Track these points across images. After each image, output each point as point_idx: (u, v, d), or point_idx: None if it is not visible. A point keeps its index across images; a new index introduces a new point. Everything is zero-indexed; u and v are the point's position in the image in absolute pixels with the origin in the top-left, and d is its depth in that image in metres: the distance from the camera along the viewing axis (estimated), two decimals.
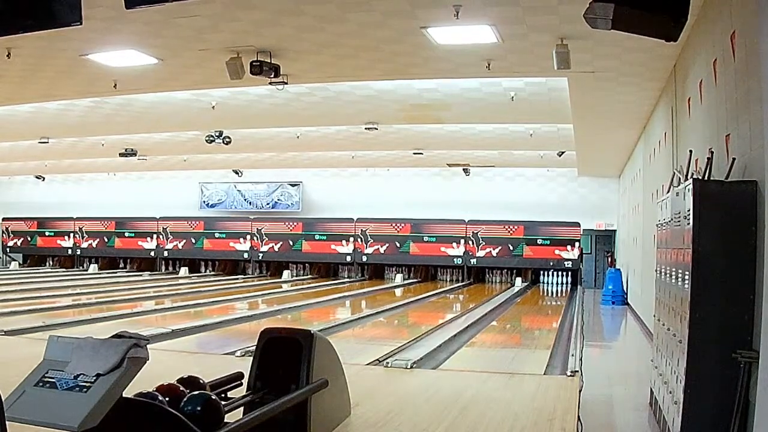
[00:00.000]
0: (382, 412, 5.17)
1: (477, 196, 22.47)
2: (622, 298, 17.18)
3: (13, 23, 4.35)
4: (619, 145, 15.49)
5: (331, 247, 23.04)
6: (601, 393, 7.11)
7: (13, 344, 7.84)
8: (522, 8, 6.83)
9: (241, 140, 16.67)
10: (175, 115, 13.95)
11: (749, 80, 4.43)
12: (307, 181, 24.39)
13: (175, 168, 23.68)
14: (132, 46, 8.51)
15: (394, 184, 23.39)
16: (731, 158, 4.71)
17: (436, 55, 8.57)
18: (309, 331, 4.49)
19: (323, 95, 12.12)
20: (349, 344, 9.05)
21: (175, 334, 9.28)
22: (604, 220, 21.82)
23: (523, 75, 10.12)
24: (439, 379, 6.78)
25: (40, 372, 3.00)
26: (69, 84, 10.53)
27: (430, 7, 6.93)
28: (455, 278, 22.23)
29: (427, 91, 11.70)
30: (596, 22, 4.05)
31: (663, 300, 5.80)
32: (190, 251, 24.42)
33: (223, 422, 3.43)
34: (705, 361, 4.20)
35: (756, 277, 3.98)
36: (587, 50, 7.94)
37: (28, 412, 2.82)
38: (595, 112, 11.81)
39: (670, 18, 3.86)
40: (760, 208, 4.03)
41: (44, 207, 26.33)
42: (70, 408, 2.78)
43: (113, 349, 2.96)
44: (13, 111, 13.52)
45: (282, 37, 8.04)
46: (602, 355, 10.38)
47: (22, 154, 20.10)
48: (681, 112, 7.80)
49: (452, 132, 15.79)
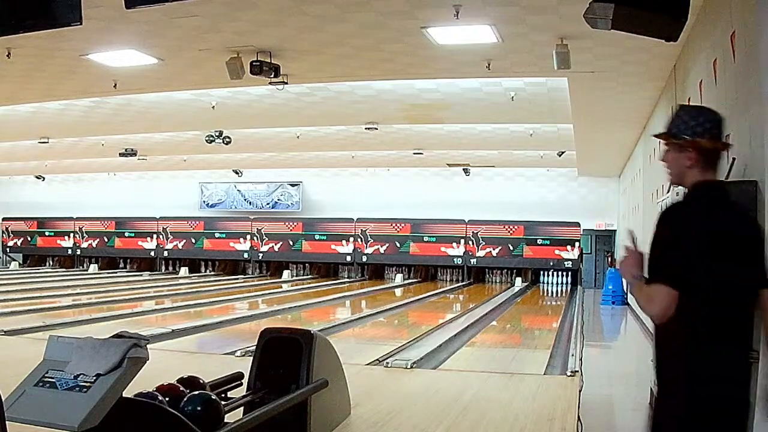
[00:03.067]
0: (382, 412, 5.17)
1: (477, 196, 22.47)
2: (622, 298, 17.15)
3: (13, 23, 4.35)
4: (619, 145, 15.50)
5: (331, 247, 23.03)
6: (601, 393, 7.10)
7: (13, 344, 7.85)
8: (522, 8, 6.83)
9: (241, 140, 16.67)
10: (175, 115, 13.96)
11: (749, 80, 4.43)
12: (307, 181, 24.39)
13: (175, 168, 23.68)
14: (132, 46, 8.52)
15: (394, 184, 23.39)
16: (731, 158, 4.71)
17: (436, 55, 8.57)
18: (309, 331, 4.49)
19: (323, 95, 12.12)
20: (349, 344, 9.05)
21: (175, 334, 9.28)
22: (604, 220, 21.82)
23: (523, 75, 10.12)
24: (439, 379, 6.78)
25: (40, 372, 2.99)
26: (69, 84, 10.53)
27: (430, 7, 6.94)
28: (455, 278, 22.22)
29: (427, 91, 11.70)
30: (596, 22, 4.06)
31: None
32: (190, 251, 24.42)
33: (223, 422, 3.43)
34: None
35: None
36: (587, 50, 7.95)
37: (28, 412, 2.82)
38: (595, 112, 11.81)
39: (670, 18, 3.87)
40: (760, 208, 4.02)
41: (44, 207, 26.32)
42: (70, 408, 2.78)
43: (113, 349, 2.96)
44: (13, 111, 13.52)
45: (282, 37, 8.04)
46: (602, 355, 10.37)
47: (22, 154, 20.10)
48: None
49: (452, 132, 15.79)
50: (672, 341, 2.61)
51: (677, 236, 2.57)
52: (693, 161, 2.68)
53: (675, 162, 2.74)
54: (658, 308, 2.53)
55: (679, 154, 2.71)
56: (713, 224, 2.56)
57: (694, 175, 2.69)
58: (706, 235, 2.53)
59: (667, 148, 2.77)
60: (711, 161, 2.70)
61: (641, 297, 2.63)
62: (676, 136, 2.71)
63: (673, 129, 2.74)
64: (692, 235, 2.54)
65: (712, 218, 2.59)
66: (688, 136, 2.68)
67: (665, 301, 2.50)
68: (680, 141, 2.70)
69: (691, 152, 2.67)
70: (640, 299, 2.65)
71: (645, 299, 2.60)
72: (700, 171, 2.68)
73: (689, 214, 2.62)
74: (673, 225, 2.62)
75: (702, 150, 2.67)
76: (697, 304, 2.50)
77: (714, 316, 2.54)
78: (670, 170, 2.78)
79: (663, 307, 2.51)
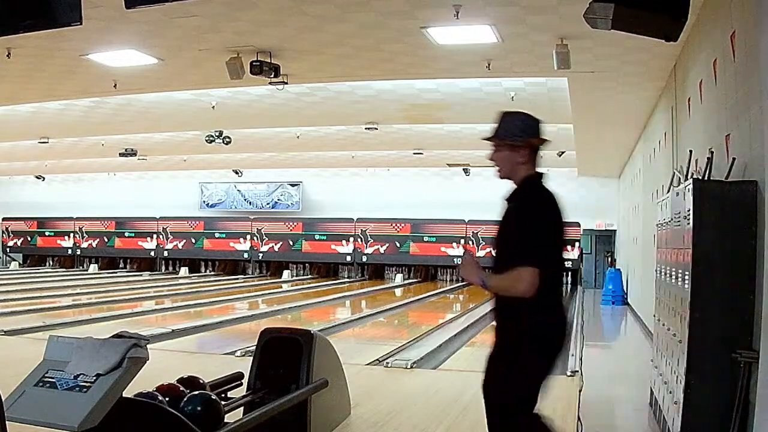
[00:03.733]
0: (382, 412, 5.17)
1: (477, 196, 22.43)
2: (622, 298, 17.16)
3: (13, 23, 4.34)
4: (619, 145, 15.49)
5: (331, 247, 23.04)
6: (601, 393, 7.10)
7: (13, 344, 7.85)
8: (522, 8, 6.83)
9: (241, 140, 16.67)
10: (175, 115, 13.95)
11: (749, 80, 4.43)
12: (307, 181, 24.38)
13: (175, 168, 23.67)
14: (132, 46, 8.51)
15: (394, 184, 23.39)
16: (731, 158, 4.71)
17: (436, 55, 8.57)
18: (309, 331, 4.50)
19: (323, 95, 12.12)
20: (349, 344, 9.05)
21: (175, 334, 9.28)
22: (604, 220, 21.81)
23: (523, 75, 10.12)
24: (439, 379, 6.79)
25: (40, 372, 2.99)
26: (69, 84, 10.53)
27: (430, 7, 6.93)
28: (455, 278, 22.21)
29: (427, 91, 11.70)
30: (596, 22, 4.05)
31: (663, 300, 5.80)
32: (190, 251, 24.42)
33: (223, 422, 3.44)
34: (705, 361, 4.19)
35: (756, 277, 3.98)
36: (587, 50, 7.94)
37: (28, 412, 2.82)
38: (595, 112, 11.81)
39: (670, 18, 3.86)
40: (760, 208, 4.02)
41: (44, 207, 26.31)
42: (70, 408, 2.78)
43: (113, 349, 2.96)
44: (13, 111, 13.51)
45: (282, 37, 8.04)
46: (602, 355, 10.37)
47: (22, 154, 20.10)
48: (681, 112, 7.80)
49: (452, 132, 15.79)
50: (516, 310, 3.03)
51: (526, 223, 3.05)
52: (526, 158, 3.16)
53: (507, 160, 3.17)
54: (527, 285, 2.93)
55: (512, 152, 3.15)
56: (550, 211, 3.08)
57: (525, 169, 3.16)
58: (548, 220, 3.07)
59: (495, 148, 3.20)
60: (536, 157, 3.20)
61: (504, 283, 3.05)
62: (508, 138, 3.15)
63: (501, 132, 3.18)
64: (538, 220, 3.05)
65: (549, 206, 3.09)
66: (522, 137, 3.14)
67: (532, 278, 2.93)
68: (514, 141, 3.14)
69: (525, 150, 3.15)
70: (502, 285, 3.07)
71: (510, 282, 3.00)
72: (530, 167, 3.17)
73: (532, 203, 3.10)
74: (520, 213, 3.10)
75: (533, 148, 3.17)
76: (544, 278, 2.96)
77: (551, 287, 3.07)
78: (500, 167, 3.21)
79: (532, 283, 2.92)
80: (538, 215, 3.07)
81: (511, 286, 3.01)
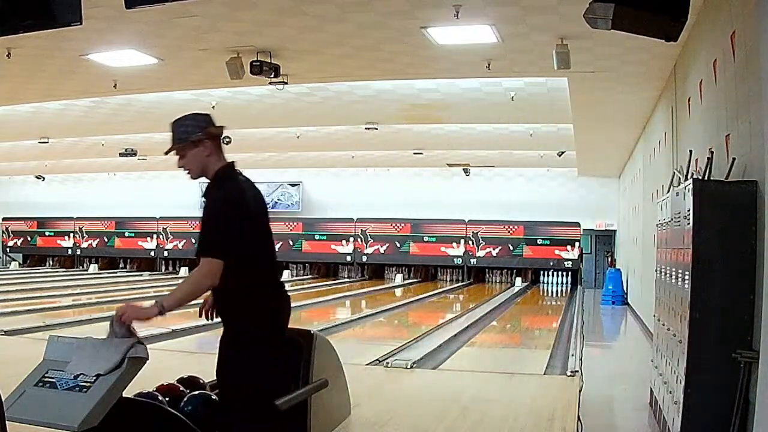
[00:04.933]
0: (382, 412, 5.17)
1: (477, 196, 22.45)
2: (622, 298, 17.17)
3: (13, 23, 4.34)
4: (619, 145, 15.49)
5: (331, 247, 23.03)
6: (601, 393, 7.10)
7: (13, 344, 7.85)
8: (522, 8, 6.83)
9: (241, 140, 16.64)
10: (175, 115, 13.65)
11: (749, 80, 4.43)
12: (307, 181, 24.37)
13: (175, 168, 23.28)
14: (132, 46, 8.51)
15: (394, 184, 23.38)
16: (731, 158, 4.71)
17: (436, 55, 8.56)
18: (309, 331, 4.49)
19: (323, 95, 12.11)
20: (349, 344, 9.05)
21: (175, 334, 9.27)
22: (604, 220, 21.81)
23: (523, 75, 10.12)
24: (439, 379, 6.79)
25: (40, 372, 3.00)
26: (69, 84, 10.52)
27: (430, 7, 6.93)
28: (455, 278, 22.22)
29: (427, 91, 11.70)
30: (596, 22, 4.05)
31: (663, 300, 5.80)
32: (190, 251, 24.32)
33: None
34: (705, 361, 4.19)
35: (756, 277, 3.98)
36: (587, 50, 7.94)
37: (28, 412, 2.82)
38: (595, 112, 11.80)
39: (670, 18, 3.86)
40: (760, 208, 4.02)
41: (44, 207, 26.30)
42: (70, 408, 2.78)
43: (113, 349, 2.96)
44: (13, 111, 13.51)
45: (282, 37, 8.04)
46: (602, 355, 10.37)
47: (22, 154, 20.09)
48: (681, 112, 7.80)
49: (452, 132, 15.79)
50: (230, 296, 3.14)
51: (211, 219, 3.15)
52: (210, 150, 3.23)
53: (195, 158, 3.26)
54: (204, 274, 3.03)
55: (196, 150, 3.23)
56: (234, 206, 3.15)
57: (214, 162, 3.25)
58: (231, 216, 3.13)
59: (180, 155, 3.29)
60: (220, 147, 3.27)
61: (183, 286, 3.09)
62: (187, 139, 3.23)
63: (178, 137, 3.28)
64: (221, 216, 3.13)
65: (245, 198, 3.17)
66: (198, 132, 3.22)
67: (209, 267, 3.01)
68: (195, 137, 3.21)
69: (207, 142, 3.22)
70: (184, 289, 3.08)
71: (188, 283, 3.07)
72: (217, 159, 3.26)
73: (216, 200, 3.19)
74: (206, 210, 3.20)
75: (213, 136, 3.24)
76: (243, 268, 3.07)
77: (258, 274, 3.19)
78: (191, 169, 3.30)
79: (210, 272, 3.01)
80: (221, 211, 3.16)
81: (191, 284, 3.07)
